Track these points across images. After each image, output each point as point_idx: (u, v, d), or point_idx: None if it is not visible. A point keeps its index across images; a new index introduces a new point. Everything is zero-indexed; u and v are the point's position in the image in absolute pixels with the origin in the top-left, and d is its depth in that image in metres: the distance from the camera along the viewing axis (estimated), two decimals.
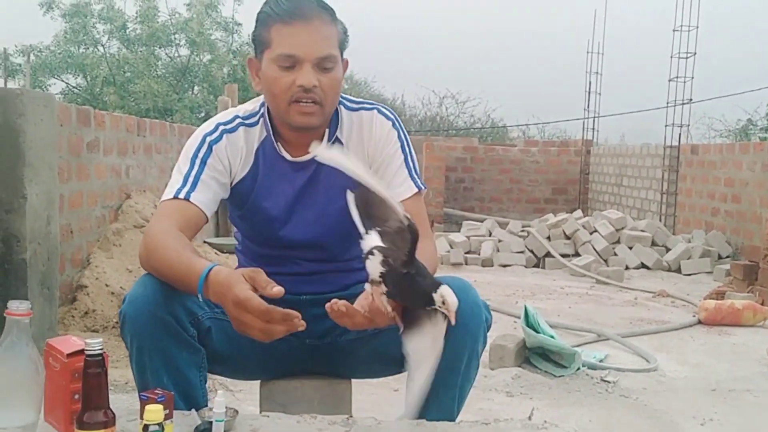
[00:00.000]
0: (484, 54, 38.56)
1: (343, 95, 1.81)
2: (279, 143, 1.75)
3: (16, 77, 16.08)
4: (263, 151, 1.76)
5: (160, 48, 16.74)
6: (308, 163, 1.75)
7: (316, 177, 1.76)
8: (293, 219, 1.78)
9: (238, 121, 1.77)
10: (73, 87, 17.19)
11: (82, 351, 1.32)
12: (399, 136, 1.78)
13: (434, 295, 1.41)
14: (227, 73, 16.51)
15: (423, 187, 1.76)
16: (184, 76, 16.82)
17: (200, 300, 1.49)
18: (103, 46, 16.67)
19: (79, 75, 16.85)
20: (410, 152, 1.79)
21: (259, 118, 1.77)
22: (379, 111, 1.80)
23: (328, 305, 1.45)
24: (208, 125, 1.78)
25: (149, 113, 14.61)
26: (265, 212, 1.78)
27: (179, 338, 1.58)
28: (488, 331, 1.64)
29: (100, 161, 4.26)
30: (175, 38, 16.64)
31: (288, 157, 1.75)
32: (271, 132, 1.75)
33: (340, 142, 1.77)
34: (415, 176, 1.76)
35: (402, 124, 1.82)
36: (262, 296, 1.39)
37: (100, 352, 1.30)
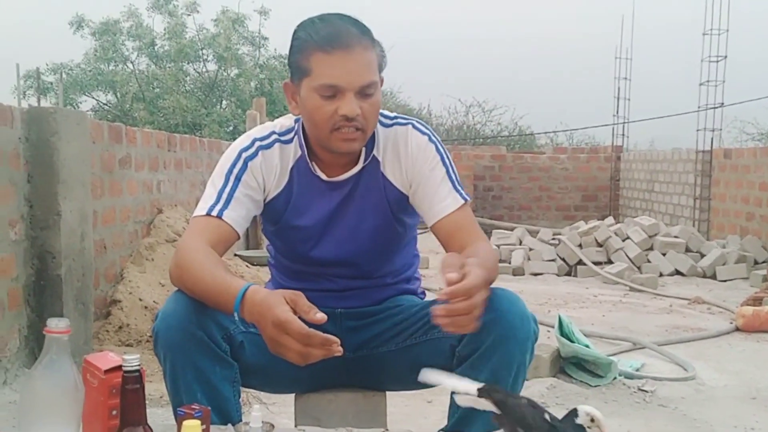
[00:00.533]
0: (511, 61, 38.50)
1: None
2: (314, 162, 1.74)
3: (48, 95, 16.36)
4: (298, 169, 1.75)
5: (188, 63, 16.92)
6: (343, 182, 1.74)
7: (350, 197, 1.76)
8: (326, 238, 1.77)
9: (274, 137, 1.76)
10: (104, 104, 17.43)
11: (119, 367, 1.33)
12: (437, 149, 1.75)
13: (579, 414, 1.26)
14: (255, 86, 16.63)
15: (468, 198, 1.74)
16: (212, 90, 16.98)
17: (236, 319, 1.49)
18: (132, 62, 16.90)
19: (109, 92, 17.08)
20: (450, 165, 1.75)
21: (293, 136, 1.76)
22: (414, 126, 1.77)
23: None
24: (244, 140, 1.77)
25: (178, 128, 14.76)
26: (298, 231, 1.78)
27: (212, 354, 1.58)
28: (535, 343, 1.63)
29: (132, 177, 4.31)
30: (202, 53, 16.81)
31: (323, 176, 1.74)
32: (305, 151, 1.74)
33: (377, 160, 1.75)
34: (459, 188, 1.73)
35: (438, 138, 1.79)
36: (301, 319, 1.39)
37: (137, 368, 1.30)
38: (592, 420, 1.25)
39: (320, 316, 1.41)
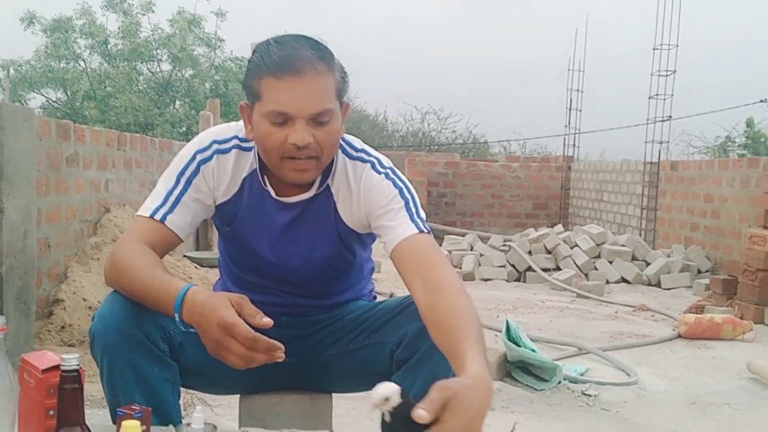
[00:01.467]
0: (466, 70, 38.82)
1: (346, 138, 1.71)
2: (265, 177, 1.67)
3: None
4: (250, 181, 1.69)
5: (141, 63, 16.71)
6: (294, 204, 1.68)
7: (301, 221, 1.69)
8: (276, 260, 1.72)
9: (234, 142, 1.69)
10: (53, 101, 17.10)
11: (57, 366, 1.30)
12: (395, 185, 1.64)
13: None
14: (209, 88, 16.50)
15: (426, 230, 1.59)
16: (166, 91, 16.77)
17: (177, 321, 1.45)
18: (84, 60, 16.62)
19: (59, 89, 16.77)
20: (412, 199, 1.63)
21: (253, 146, 1.67)
22: (373, 166, 1.67)
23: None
24: (203, 140, 1.70)
25: (130, 128, 14.55)
26: (247, 242, 1.73)
27: (150, 354, 1.55)
28: None
29: (80, 175, 4.23)
30: (157, 53, 16.62)
31: (273, 194, 1.67)
32: (258, 166, 1.67)
33: (330, 192, 1.68)
34: (417, 220, 1.59)
35: (400, 174, 1.69)
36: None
37: (76, 367, 1.28)
38: (387, 399, 1.19)
39: (266, 321, 1.39)
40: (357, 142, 1.73)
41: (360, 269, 1.87)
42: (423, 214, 1.64)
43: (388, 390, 1.20)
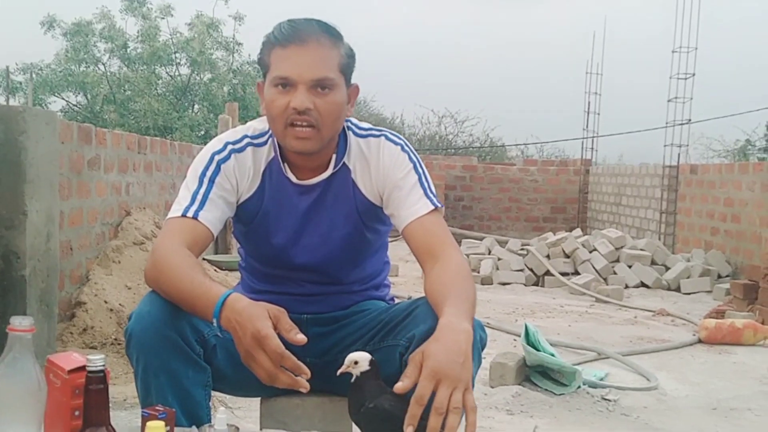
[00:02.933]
0: (483, 74, 38.77)
1: (352, 121, 1.80)
2: (286, 164, 1.75)
3: (17, 95, 16.14)
4: (270, 171, 1.76)
5: (160, 67, 16.81)
6: (313, 186, 1.75)
7: (321, 202, 1.76)
8: (297, 243, 1.77)
9: (246, 140, 1.77)
10: (74, 105, 17.24)
11: (83, 367, 1.32)
12: (410, 158, 1.75)
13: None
14: (227, 91, 16.58)
15: (439, 205, 1.72)
16: (185, 94, 16.88)
17: (214, 325, 1.48)
18: (104, 64, 16.75)
19: (79, 93, 16.90)
20: (424, 173, 1.75)
21: (268, 138, 1.77)
22: (387, 137, 1.78)
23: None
24: (216, 144, 1.78)
25: (149, 131, 14.65)
26: (269, 234, 1.78)
27: (186, 357, 1.57)
28: (483, 350, 1.61)
29: (101, 178, 4.27)
30: (175, 57, 16.72)
31: (293, 179, 1.75)
32: (278, 153, 1.74)
33: (348, 168, 1.76)
34: (431, 195, 1.71)
35: (412, 148, 1.79)
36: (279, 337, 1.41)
37: (102, 368, 1.29)
38: (356, 362, 1.44)
39: (300, 338, 1.42)
40: (362, 123, 1.83)
41: (378, 256, 1.92)
42: (434, 188, 1.75)
43: (359, 355, 1.43)
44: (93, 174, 4.15)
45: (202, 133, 16.13)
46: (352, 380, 1.43)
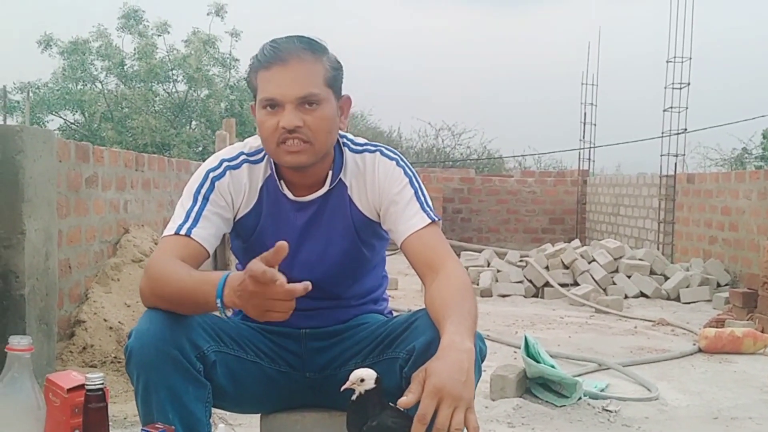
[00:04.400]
0: (480, 87, 38.92)
1: (347, 136, 1.81)
2: (282, 182, 1.76)
3: (14, 114, 16.17)
4: (267, 189, 1.77)
5: (157, 84, 16.84)
6: (309, 203, 1.76)
7: (318, 218, 1.77)
8: (294, 260, 1.76)
9: (242, 158, 1.78)
10: (71, 123, 17.27)
11: (82, 386, 1.32)
12: (405, 172, 1.76)
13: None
14: (225, 107, 16.61)
15: (436, 219, 1.72)
16: (182, 111, 16.91)
17: (219, 306, 1.48)
18: (101, 82, 16.78)
19: (77, 111, 16.93)
20: (420, 187, 1.76)
21: (263, 155, 1.78)
22: (382, 153, 1.79)
23: None
24: (212, 161, 1.79)
25: (147, 148, 14.67)
26: (266, 250, 1.78)
27: (186, 373, 1.57)
28: (483, 361, 1.61)
29: (99, 196, 4.28)
30: (172, 74, 16.76)
31: (290, 196, 1.76)
32: (274, 170, 1.76)
33: (344, 185, 1.77)
34: (428, 208, 1.73)
35: (407, 162, 1.80)
36: None
37: (101, 386, 1.30)
38: (362, 380, 1.43)
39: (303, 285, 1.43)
40: (358, 139, 1.84)
41: (376, 271, 1.93)
42: (430, 201, 1.76)
43: (365, 373, 1.43)
44: (91, 192, 4.16)
45: (200, 149, 16.15)
46: (354, 397, 1.43)
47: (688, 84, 8.56)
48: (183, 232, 1.67)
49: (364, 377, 1.42)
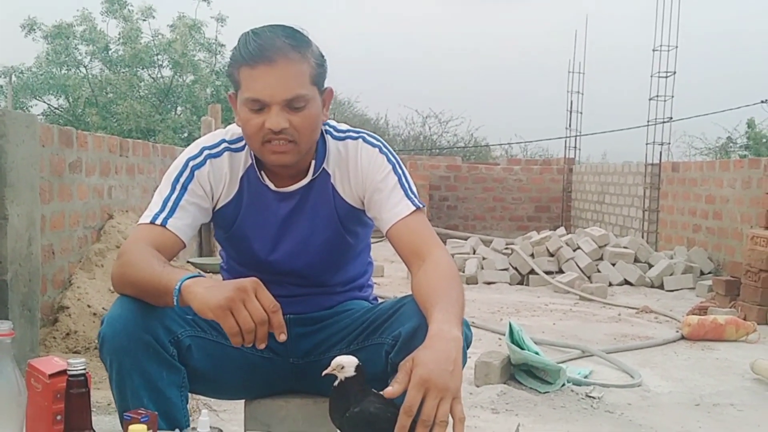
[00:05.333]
0: (467, 74, 38.85)
1: (329, 123, 1.79)
2: (263, 172, 1.74)
3: None
4: (248, 178, 1.75)
5: (142, 69, 16.73)
6: (291, 194, 1.74)
7: (301, 208, 1.75)
8: (277, 249, 1.77)
9: (224, 146, 1.76)
10: (55, 108, 17.14)
11: (64, 372, 1.31)
12: (388, 159, 1.74)
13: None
14: (210, 93, 16.52)
15: (421, 205, 1.71)
16: (167, 96, 16.81)
17: (175, 304, 1.47)
18: (85, 67, 16.65)
19: (61, 96, 16.81)
20: (403, 173, 1.74)
21: (245, 144, 1.75)
22: (365, 140, 1.77)
23: None
24: (192, 149, 1.77)
25: (132, 134, 14.58)
26: (249, 240, 1.78)
27: (159, 358, 1.56)
28: (468, 348, 1.61)
29: (83, 182, 4.24)
30: (158, 59, 16.65)
31: (272, 186, 1.74)
32: (254, 161, 1.73)
33: (327, 173, 1.75)
34: (412, 195, 1.71)
35: (390, 148, 1.79)
36: None
37: (83, 372, 1.29)
38: (343, 367, 1.40)
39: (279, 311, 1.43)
40: (340, 125, 1.81)
41: (361, 258, 1.92)
42: (414, 188, 1.74)
43: (346, 360, 1.40)
44: (74, 177, 4.13)
45: (185, 135, 16.08)
46: (336, 384, 1.41)
47: (674, 73, 8.59)
48: (159, 221, 1.66)
49: (344, 364, 1.40)
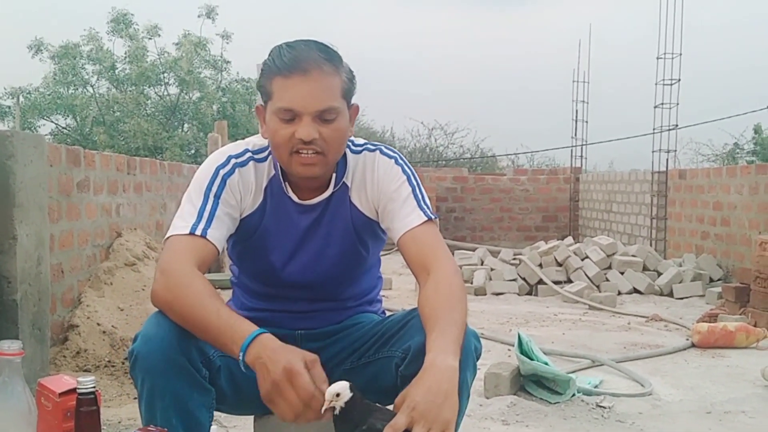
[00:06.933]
0: (472, 86, 38.91)
1: (350, 138, 1.80)
2: (286, 183, 1.75)
3: (5, 119, 16.12)
4: (271, 189, 1.76)
5: (149, 87, 16.81)
6: (313, 206, 1.76)
7: (320, 220, 1.77)
8: (293, 261, 1.78)
9: (248, 155, 1.76)
10: (63, 128, 17.22)
11: (74, 390, 1.33)
12: (403, 170, 1.76)
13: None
14: (216, 110, 16.58)
15: (433, 217, 1.72)
16: (174, 114, 16.89)
17: (240, 361, 1.45)
18: (92, 86, 16.74)
19: (68, 116, 16.89)
20: (417, 185, 1.76)
21: (268, 155, 1.76)
22: (382, 152, 1.79)
23: None
24: (219, 157, 1.76)
25: (139, 152, 14.63)
26: (266, 251, 1.78)
27: (192, 380, 1.56)
28: (477, 359, 1.62)
29: (91, 200, 4.27)
30: (164, 77, 16.73)
31: (295, 198, 1.75)
32: (279, 171, 1.75)
33: (346, 186, 1.77)
34: (424, 206, 1.73)
35: (406, 160, 1.80)
36: None
37: (92, 390, 1.30)
38: (338, 394, 1.37)
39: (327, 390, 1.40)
40: (357, 140, 1.84)
41: (372, 272, 1.93)
42: (428, 200, 1.76)
43: (339, 387, 1.38)
44: (83, 196, 4.15)
45: (192, 152, 16.13)
46: (337, 413, 1.38)
47: (679, 80, 8.58)
48: (198, 232, 1.63)
49: (338, 391, 1.38)
